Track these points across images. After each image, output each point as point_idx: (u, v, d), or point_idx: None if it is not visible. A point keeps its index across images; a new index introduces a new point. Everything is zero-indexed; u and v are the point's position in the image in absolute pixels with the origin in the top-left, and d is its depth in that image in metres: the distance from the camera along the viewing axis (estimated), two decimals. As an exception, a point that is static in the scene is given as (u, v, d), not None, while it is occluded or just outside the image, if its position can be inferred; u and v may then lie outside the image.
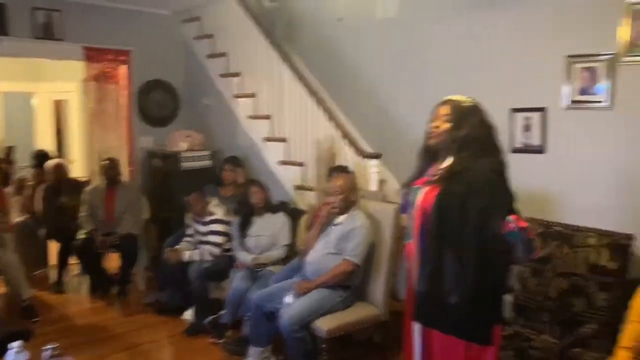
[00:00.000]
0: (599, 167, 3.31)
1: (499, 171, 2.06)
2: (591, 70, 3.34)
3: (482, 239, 1.95)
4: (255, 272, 3.78)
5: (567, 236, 2.78)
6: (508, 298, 3.09)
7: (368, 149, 4.29)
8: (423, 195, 2.14)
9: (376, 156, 3.99)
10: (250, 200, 3.98)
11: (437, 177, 2.12)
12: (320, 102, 4.37)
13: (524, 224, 1.92)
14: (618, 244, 2.59)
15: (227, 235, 4.13)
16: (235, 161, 4.73)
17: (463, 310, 2.04)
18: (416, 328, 2.21)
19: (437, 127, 2.15)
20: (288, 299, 3.12)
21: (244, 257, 3.86)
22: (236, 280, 3.75)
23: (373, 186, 3.94)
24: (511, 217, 1.92)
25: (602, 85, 3.28)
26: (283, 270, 3.63)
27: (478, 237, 1.96)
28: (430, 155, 2.22)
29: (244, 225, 3.97)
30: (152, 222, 5.14)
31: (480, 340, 2.06)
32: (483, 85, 3.79)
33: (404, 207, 2.30)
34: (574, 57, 3.39)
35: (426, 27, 4.23)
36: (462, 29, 3.97)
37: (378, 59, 4.64)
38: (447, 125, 2.13)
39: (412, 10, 4.30)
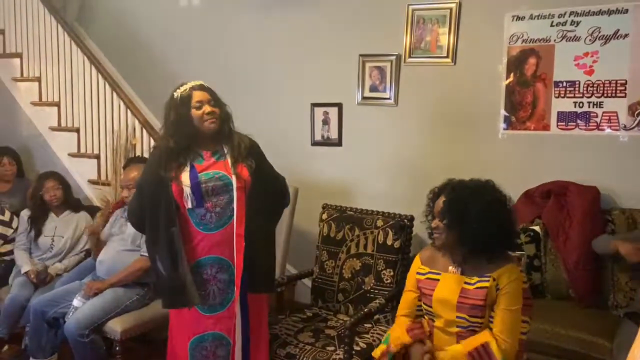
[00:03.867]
0: (385, 158, 3.63)
1: None
2: (380, 69, 3.64)
3: (281, 190, 2.43)
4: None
5: (358, 220, 2.97)
6: (307, 282, 3.21)
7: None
8: (241, 174, 2.21)
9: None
10: (44, 196, 3.47)
11: (240, 156, 2.24)
12: (117, 88, 4.05)
13: None
14: (400, 225, 2.84)
15: (4, 237, 3.57)
16: (13, 153, 4.11)
17: (270, 261, 2.35)
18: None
19: (213, 112, 2.21)
20: (77, 301, 2.81)
21: (22, 260, 3.34)
22: (16, 288, 3.25)
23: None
24: None
25: (389, 83, 3.60)
26: (72, 272, 3.26)
27: (275, 190, 2.38)
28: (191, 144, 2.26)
29: (36, 224, 3.45)
30: None
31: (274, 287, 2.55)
32: (287, 80, 3.92)
33: (200, 200, 2.18)
34: (366, 56, 3.67)
35: (232, 21, 4.18)
36: (266, 25, 4.02)
37: (181, 48, 4.46)
38: (217, 109, 2.24)
39: (219, 3, 4.23)
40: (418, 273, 2.02)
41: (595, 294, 2.73)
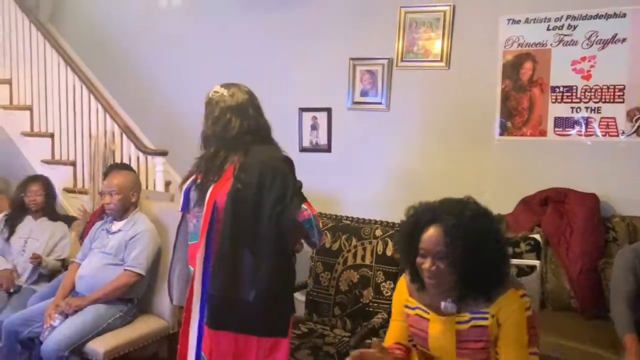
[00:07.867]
0: (377, 165, 3.52)
1: (287, 159, 2.01)
2: (372, 73, 3.54)
3: (279, 230, 1.88)
4: (11, 292, 3.11)
5: (355, 229, 2.85)
6: (301, 296, 3.07)
7: (152, 146, 3.93)
8: (212, 190, 1.98)
9: (162, 153, 3.65)
10: (24, 198, 3.34)
11: (226, 171, 1.98)
12: (94, 91, 3.86)
13: (314, 211, 1.93)
14: (400, 234, 2.73)
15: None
16: None
17: (260, 306, 1.93)
18: (195, 334, 2.00)
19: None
20: (54, 320, 2.61)
21: None
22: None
23: (159, 186, 3.60)
24: (304, 205, 1.91)
25: (381, 87, 3.50)
26: (47, 287, 3.06)
27: (275, 229, 1.88)
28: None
29: (11, 224, 3.32)
30: None
31: (278, 333, 1.98)
32: (274, 83, 3.77)
33: (184, 205, 2.11)
34: (357, 60, 3.55)
35: (214, 21, 4.03)
36: (252, 27, 3.88)
37: (160, 50, 4.28)
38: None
39: (199, 3, 4.07)
40: (407, 307, 1.73)
41: (599, 304, 2.66)
